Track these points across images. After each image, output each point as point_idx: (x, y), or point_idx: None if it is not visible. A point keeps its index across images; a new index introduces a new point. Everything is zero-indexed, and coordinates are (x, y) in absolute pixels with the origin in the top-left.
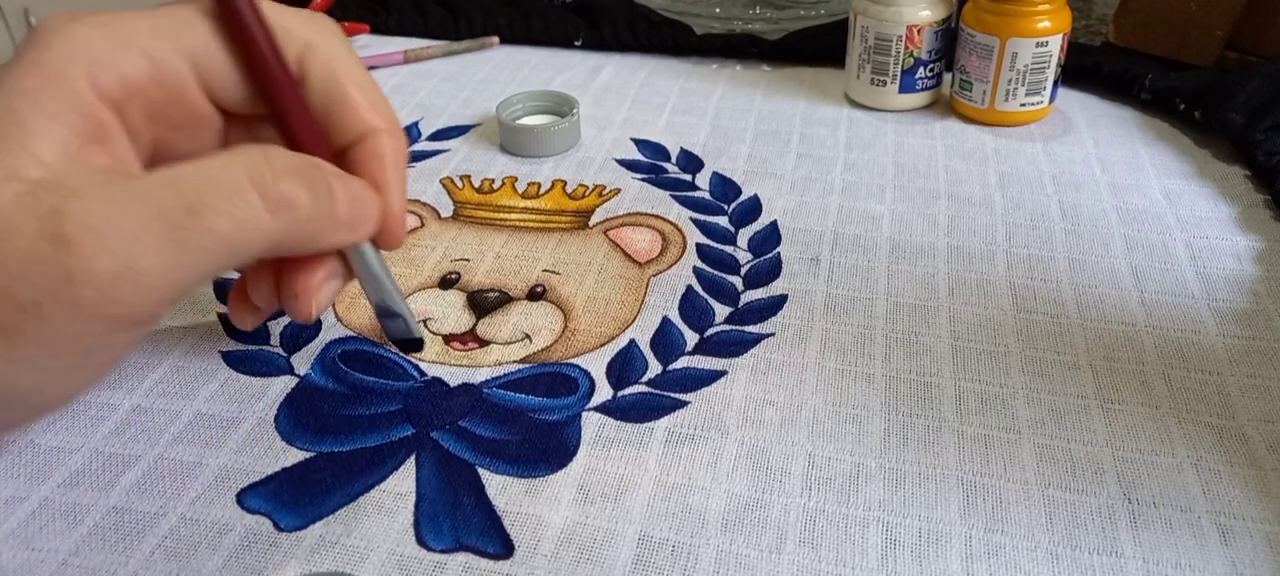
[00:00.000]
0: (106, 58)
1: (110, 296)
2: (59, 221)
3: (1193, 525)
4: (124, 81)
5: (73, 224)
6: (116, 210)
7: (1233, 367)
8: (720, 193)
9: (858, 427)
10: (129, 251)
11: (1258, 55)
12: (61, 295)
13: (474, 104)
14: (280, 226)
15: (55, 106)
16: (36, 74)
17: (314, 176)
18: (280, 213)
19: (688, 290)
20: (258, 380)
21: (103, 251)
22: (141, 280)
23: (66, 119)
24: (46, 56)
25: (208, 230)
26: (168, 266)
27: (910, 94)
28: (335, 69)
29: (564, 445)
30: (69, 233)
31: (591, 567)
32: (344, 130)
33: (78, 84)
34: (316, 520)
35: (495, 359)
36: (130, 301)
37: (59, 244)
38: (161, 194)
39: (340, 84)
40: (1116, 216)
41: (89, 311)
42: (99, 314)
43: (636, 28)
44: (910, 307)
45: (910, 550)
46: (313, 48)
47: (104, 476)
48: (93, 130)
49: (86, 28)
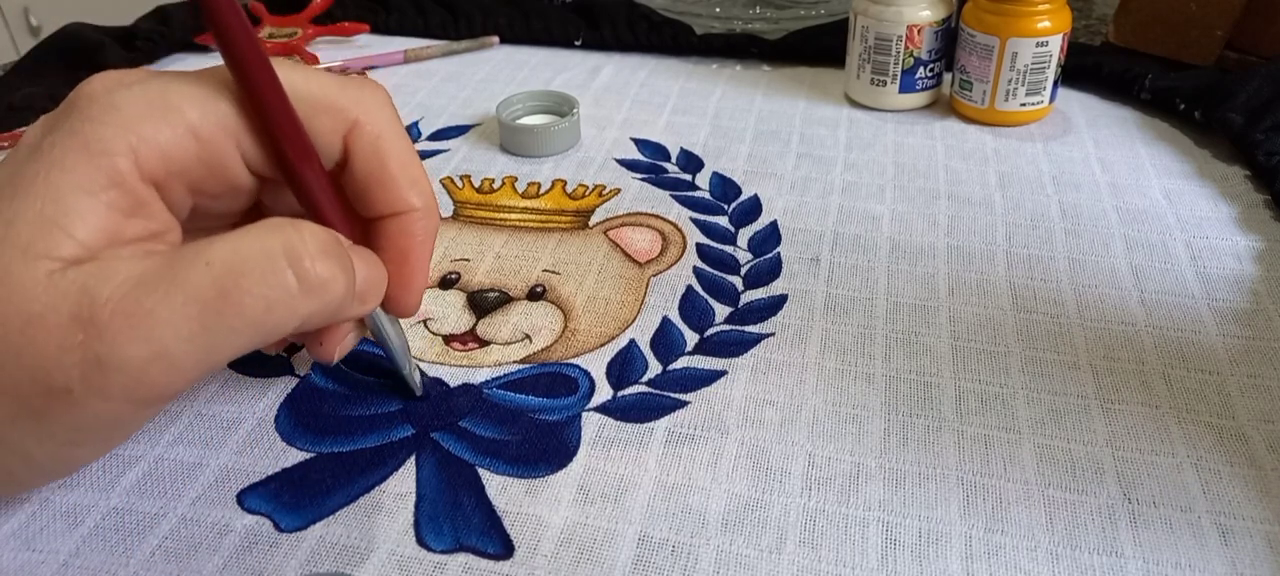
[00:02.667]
0: (151, 135)
1: (140, 380)
2: (91, 306)
3: (1193, 525)
4: (168, 160)
5: (104, 309)
6: (147, 294)
7: (1233, 367)
8: (720, 193)
9: (858, 427)
10: (161, 337)
11: (1258, 55)
12: (92, 382)
13: (474, 104)
14: (311, 308)
15: (95, 183)
16: (78, 149)
17: (343, 255)
18: (314, 294)
19: (688, 290)
20: (258, 380)
21: (134, 338)
22: (172, 364)
23: (106, 196)
24: (89, 129)
25: (239, 313)
26: (199, 350)
27: (910, 94)
28: (381, 147)
29: (564, 445)
30: (100, 318)
31: (591, 567)
32: (380, 205)
33: (120, 164)
34: (317, 520)
35: (495, 359)
36: (159, 384)
37: (90, 329)
38: (194, 276)
39: (383, 161)
40: (1116, 216)
41: (118, 396)
42: (128, 397)
43: (636, 28)
44: (910, 307)
45: (910, 550)
46: (360, 126)
47: (104, 477)
48: (133, 206)
49: (133, 100)
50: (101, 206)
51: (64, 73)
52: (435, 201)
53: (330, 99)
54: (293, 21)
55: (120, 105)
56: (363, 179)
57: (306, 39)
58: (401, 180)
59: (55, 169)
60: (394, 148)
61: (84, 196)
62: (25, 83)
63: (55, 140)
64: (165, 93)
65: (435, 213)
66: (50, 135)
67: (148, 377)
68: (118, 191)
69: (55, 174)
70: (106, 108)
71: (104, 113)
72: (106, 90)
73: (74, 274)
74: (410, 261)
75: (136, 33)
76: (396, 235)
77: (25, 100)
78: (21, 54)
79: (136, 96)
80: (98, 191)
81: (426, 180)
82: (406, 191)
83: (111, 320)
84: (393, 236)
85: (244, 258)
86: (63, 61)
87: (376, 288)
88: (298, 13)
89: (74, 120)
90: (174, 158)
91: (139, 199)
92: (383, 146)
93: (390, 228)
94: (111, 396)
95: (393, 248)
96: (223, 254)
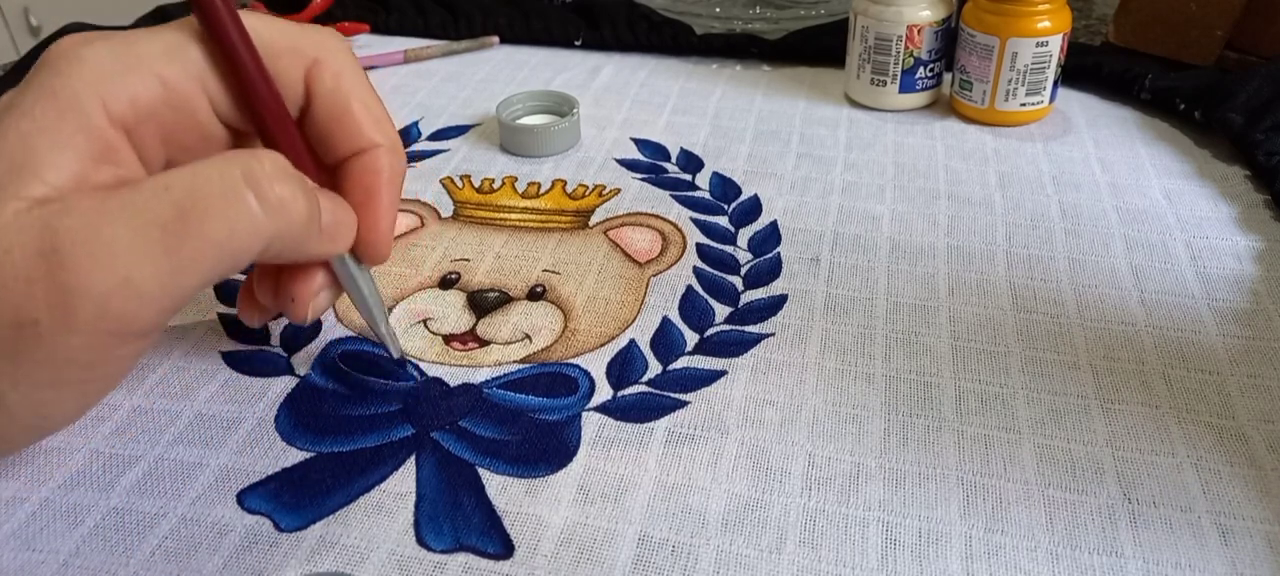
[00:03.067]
0: (119, 82)
1: (107, 310)
2: (52, 237)
3: (1193, 525)
4: (136, 104)
5: (66, 239)
6: (108, 222)
7: (1233, 367)
8: (720, 192)
9: (858, 427)
10: (123, 263)
11: (1258, 55)
12: (58, 312)
13: (474, 104)
14: (274, 227)
15: (65, 131)
16: (49, 99)
17: (302, 179)
18: (275, 214)
19: (688, 290)
20: (258, 380)
21: (97, 265)
22: (138, 291)
23: (76, 142)
24: (58, 82)
25: (201, 234)
26: (164, 275)
27: (910, 94)
28: (341, 84)
29: (564, 445)
30: (62, 248)
31: (591, 567)
32: (344, 144)
33: (89, 108)
34: (316, 520)
35: (495, 359)
36: (128, 314)
37: (52, 260)
38: (154, 202)
39: (345, 99)
40: (1116, 216)
41: (87, 326)
42: (97, 328)
43: (636, 28)
44: (910, 307)
45: (910, 550)
46: (320, 63)
47: (104, 477)
48: (102, 152)
49: (99, 51)
50: (70, 153)
51: None
52: (400, 143)
53: (291, 41)
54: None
55: (86, 58)
56: (325, 119)
57: None
58: (363, 117)
59: (25, 119)
60: (355, 86)
61: (56, 146)
62: None
63: (25, 94)
64: (130, 43)
65: (401, 152)
66: (19, 91)
67: (113, 306)
68: (85, 137)
69: (24, 123)
70: (73, 60)
71: (71, 66)
72: (73, 46)
73: (38, 211)
74: (376, 199)
75: None
76: (361, 174)
77: None
78: (21, 54)
79: (101, 49)
80: (66, 138)
81: (390, 121)
82: (369, 128)
83: (72, 249)
84: (358, 176)
85: (204, 178)
86: None
87: (344, 228)
88: (298, 13)
89: (43, 75)
90: (142, 102)
91: (108, 143)
92: (343, 84)
93: (355, 167)
94: (79, 327)
95: (358, 187)
96: (181, 178)
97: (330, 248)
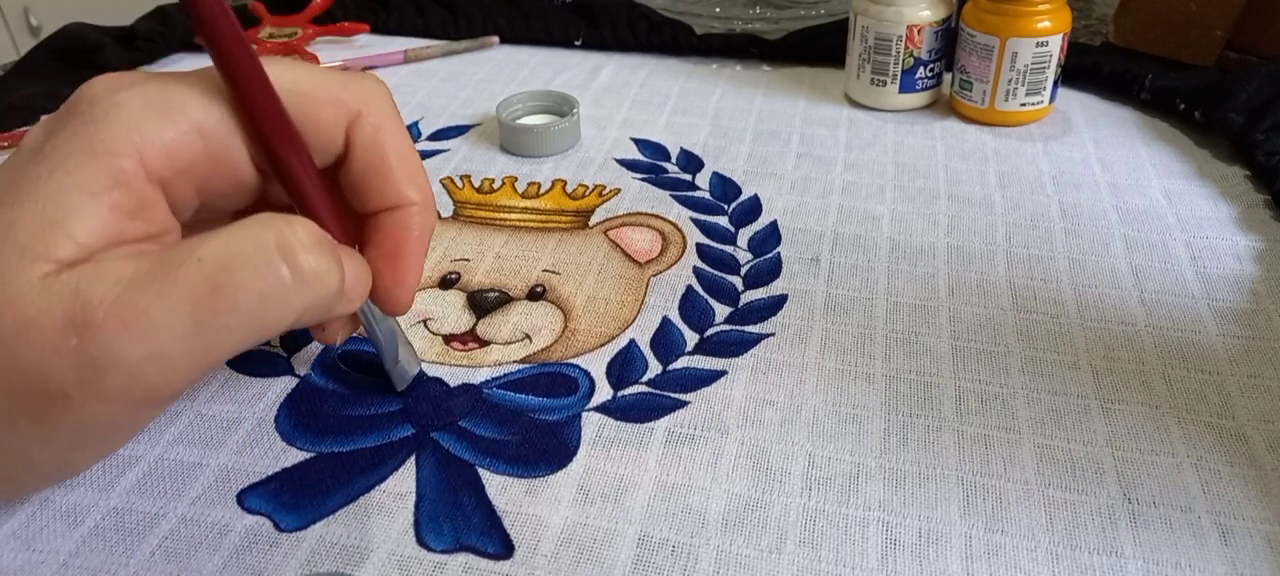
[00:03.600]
0: (156, 134)
1: (137, 380)
2: (84, 308)
3: (1193, 525)
4: (173, 158)
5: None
6: (141, 294)
7: (1233, 367)
8: (720, 193)
9: (858, 427)
10: (155, 336)
11: (1258, 55)
12: (88, 384)
13: (474, 104)
14: (306, 302)
15: (98, 184)
16: (81, 150)
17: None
18: (308, 289)
19: (688, 290)
20: (258, 380)
21: (128, 338)
22: (168, 364)
23: (109, 197)
24: (92, 130)
25: (233, 310)
26: (195, 349)
27: (910, 94)
28: (381, 139)
29: (564, 445)
30: (94, 320)
31: (591, 567)
32: (377, 199)
33: (124, 164)
34: (316, 520)
35: (495, 359)
36: (157, 384)
37: (84, 333)
38: (187, 275)
39: (383, 153)
40: (1116, 216)
41: (116, 397)
42: (126, 398)
43: (636, 28)
44: (910, 307)
45: (910, 550)
46: (361, 117)
47: (104, 477)
48: (136, 208)
49: (135, 100)
50: (104, 207)
51: (64, 73)
52: (433, 199)
53: (333, 92)
54: (293, 21)
55: (123, 105)
56: (362, 171)
57: (306, 39)
58: (399, 173)
59: (57, 170)
60: (394, 141)
61: (86, 197)
62: (25, 83)
63: (57, 143)
64: (167, 92)
65: (433, 210)
66: (52, 138)
67: (144, 377)
68: (121, 192)
69: (57, 176)
70: (109, 108)
71: (106, 113)
72: (108, 91)
73: (68, 276)
74: (405, 256)
75: (136, 33)
76: (392, 229)
77: (25, 100)
78: (21, 54)
79: (138, 96)
80: (100, 192)
81: (425, 177)
82: (404, 185)
83: (105, 321)
84: (388, 230)
85: (236, 252)
86: (63, 61)
87: (361, 285)
88: (298, 13)
89: (76, 122)
90: (179, 155)
91: (143, 200)
92: (382, 139)
93: (386, 222)
94: (108, 398)
95: (388, 241)
96: (215, 250)
97: (348, 308)
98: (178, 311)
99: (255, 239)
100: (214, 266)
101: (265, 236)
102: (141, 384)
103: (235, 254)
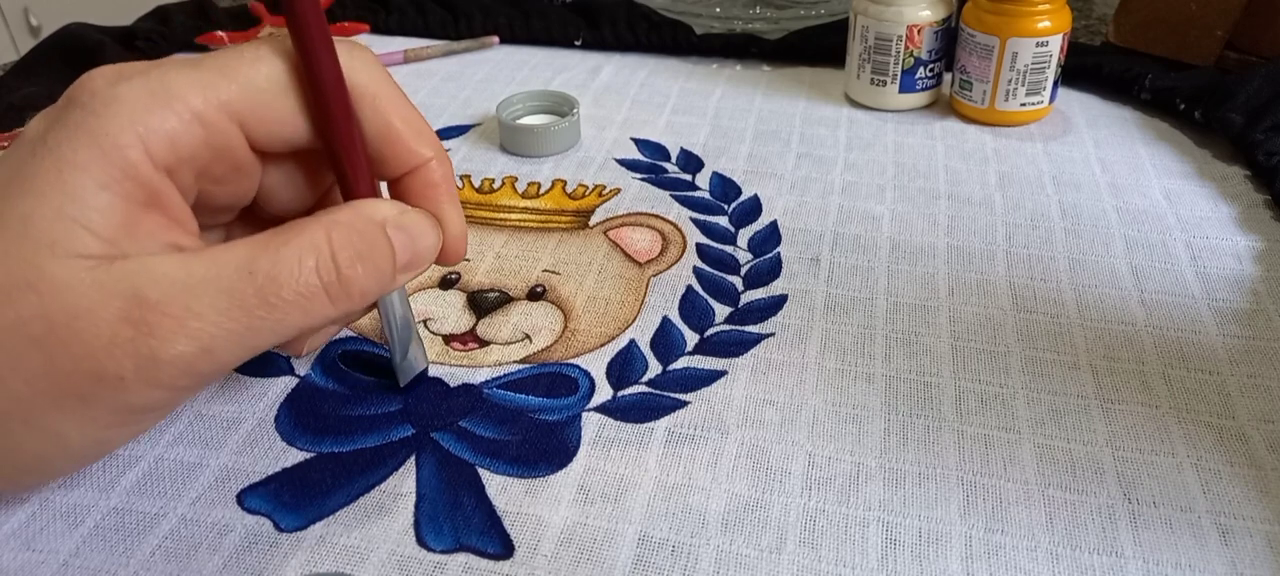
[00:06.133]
0: (158, 124)
1: (188, 372)
2: (141, 309)
3: (1193, 525)
4: (176, 148)
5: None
6: (195, 299)
7: (1233, 367)
8: (720, 193)
9: (858, 427)
10: (208, 338)
11: (1258, 55)
12: (144, 371)
13: (474, 104)
14: (347, 308)
15: (110, 177)
16: (87, 143)
17: (376, 249)
18: (342, 302)
19: (688, 290)
20: (258, 380)
21: (183, 337)
22: (216, 358)
23: (122, 188)
24: (96, 123)
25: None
26: (241, 346)
27: (910, 94)
28: (380, 105)
29: (564, 445)
30: (150, 320)
31: (591, 567)
32: (394, 165)
33: (132, 155)
34: (317, 520)
35: (495, 359)
36: (207, 373)
37: (142, 328)
38: (238, 285)
39: (386, 119)
40: (1116, 216)
41: (168, 384)
42: (176, 385)
43: (636, 27)
44: (910, 307)
45: (910, 550)
46: (358, 89)
47: (104, 477)
48: (148, 198)
49: (135, 91)
50: (118, 200)
51: (64, 73)
52: (442, 145)
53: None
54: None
55: (123, 97)
56: (373, 141)
57: None
58: (408, 134)
59: (67, 165)
60: (394, 105)
61: (100, 191)
62: (25, 83)
63: (61, 136)
64: (166, 81)
65: (447, 157)
66: (54, 131)
67: (195, 369)
68: (132, 183)
69: (67, 171)
70: (109, 100)
71: (107, 105)
72: (107, 83)
73: (118, 271)
74: (442, 208)
75: (136, 33)
76: (421, 188)
77: (25, 100)
78: (21, 54)
79: (138, 87)
80: (112, 184)
81: (430, 128)
82: (417, 144)
83: (160, 321)
84: (417, 191)
85: (284, 267)
86: (63, 61)
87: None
88: None
89: (78, 114)
90: (182, 144)
91: (154, 189)
92: (382, 105)
93: (412, 185)
94: (162, 384)
95: (420, 201)
96: (264, 264)
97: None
98: (229, 317)
99: (298, 253)
100: (263, 280)
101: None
102: (191, 373)
103: (284, 269)
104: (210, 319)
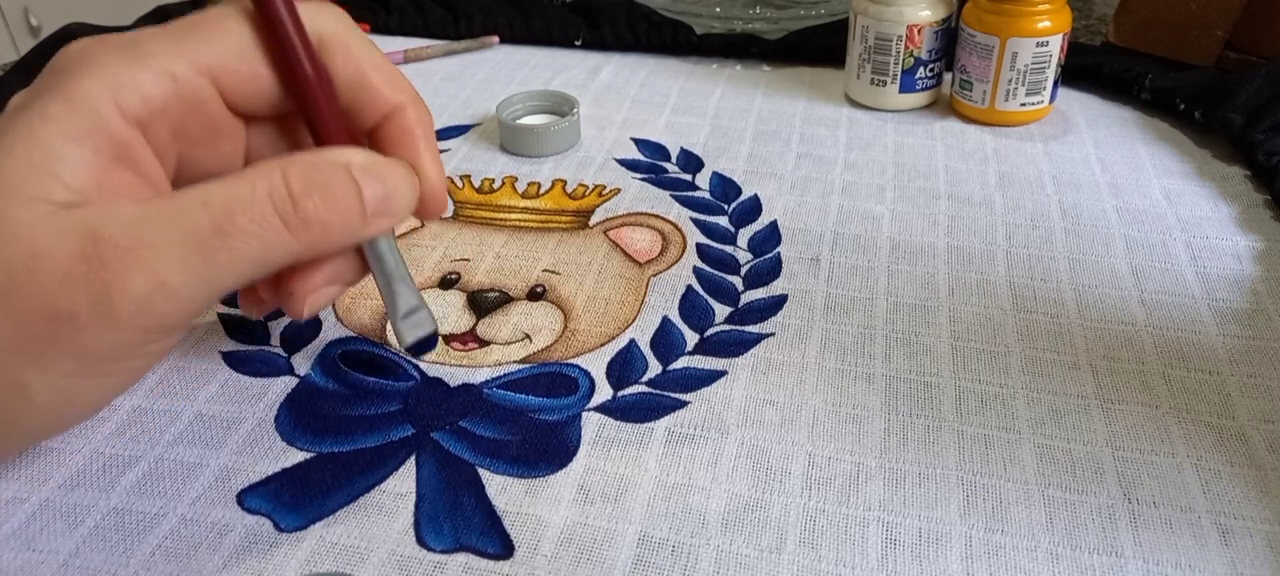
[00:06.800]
0: (129, 79)
1: (144, 309)
2: (95, 243)
3: (1193, 525)
4: (147, 101)
5: (108, 245)
6: (149, 230)
7: (1233, 368)
8: (720, 192)
9: (858, 427)
10: (162, 269)
11: (1258, 55)
12: (99, 307)
13: (474, 104)
14: (305, 242)
15: (80, 129)
16: (60, 99)
17: (335, 183)
18: (301, 232)
19: (688, 290)
20: (258, 380)
21: (138, 269)
22: (173, 294)
23: (92, 141)
24: (69, 82)
25: (234, 249)
26: (198, 282)
27: (910, 94)
28: (353, 56)
29: (564, 445)
30: (104, 253)
31: (591, 567)
32: (369, 112)
33: (102, 107)
34: (317, 520)
35: (495, 359)
36: (164, 311)
37: (95, 263)
38: (192, 216)
39: (359, 66)
40: (1116, 216)
41: (126, 322)
42: (135, 324)
43: (636, 27)
44: (910, 307)
45: (910, 550)
46: (326, 39)
47: (104, 477)
48: (119, 152)
49: (107, 52)
50: (87, 152)
51: None
52: (417, 92)
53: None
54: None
55: (96, 56)
56: (347, 93)
57: None
58: (380, 83)
59: (38, 120)
60: (365, 54)
61: (70, 143)
62: (24, 83)
63: (38, 97)
64: (137, 42)
65: (423, 103)
66: (31, 95)
67: (151, 306)
68: (103, 136)
69: (38, 124)
70: (84, 61)
71: (82, 65)
72: (82, 49)
73: (77, 214)
74: (419, 154)
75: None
76: (397, 135)
77: None
78: (21, 54)
79: (111, 48)
80: (82, 137)
81: (403, 76)
82: (389, 90)
83: (113, 253)
84: (394, 138)
85: (237, 197)
86: None
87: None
88: None
89: (53, 77)
90: (153, 97)
91: (124, 142)
92: (354, 54)
93: (388, 132)
94: (119, 323)
95: (398, 150)
96: (217, 194)
97: (387, 224)
98: (183, 249)
99: (252, 186)
100: (217, 210)
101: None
102: (149, 311)
103: (235, 199)
104: (164, 249)
